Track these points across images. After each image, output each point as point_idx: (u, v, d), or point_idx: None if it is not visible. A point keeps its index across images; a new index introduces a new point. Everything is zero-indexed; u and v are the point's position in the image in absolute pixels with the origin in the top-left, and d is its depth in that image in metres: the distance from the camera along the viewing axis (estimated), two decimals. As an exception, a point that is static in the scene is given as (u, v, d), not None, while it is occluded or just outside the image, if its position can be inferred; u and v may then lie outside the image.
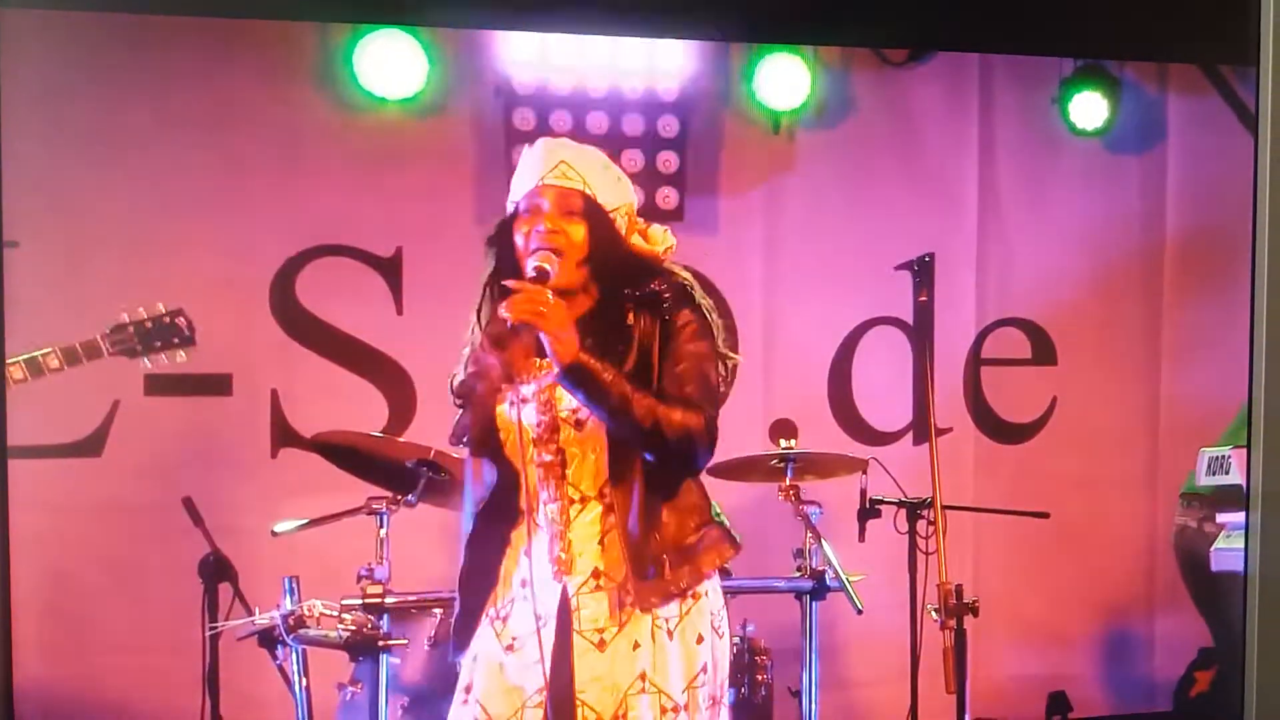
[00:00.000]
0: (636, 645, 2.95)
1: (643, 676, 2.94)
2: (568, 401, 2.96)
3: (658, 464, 2.96)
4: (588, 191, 2.95)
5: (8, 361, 3.88)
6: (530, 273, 2.88)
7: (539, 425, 2.96)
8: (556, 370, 2.85)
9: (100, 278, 4.52)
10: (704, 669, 3.00)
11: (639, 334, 2.95)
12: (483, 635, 3.00)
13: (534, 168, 2.97)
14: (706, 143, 5.21)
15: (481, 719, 2.95)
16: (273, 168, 4.77)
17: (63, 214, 4.52)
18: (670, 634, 2.97)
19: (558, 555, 2.97)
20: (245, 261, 4.76)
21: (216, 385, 4.68)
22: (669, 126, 5.12)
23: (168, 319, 4.11)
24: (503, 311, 2.80)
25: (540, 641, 2.90)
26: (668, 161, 5.13)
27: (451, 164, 4.96)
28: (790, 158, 5.31)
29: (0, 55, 4.13)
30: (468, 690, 2.99)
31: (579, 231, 2.92)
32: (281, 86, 4.76)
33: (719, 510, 3.14)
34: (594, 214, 2.96)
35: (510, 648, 2.96)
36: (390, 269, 4.91)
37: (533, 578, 2.93)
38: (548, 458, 2.97)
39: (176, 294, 4.38)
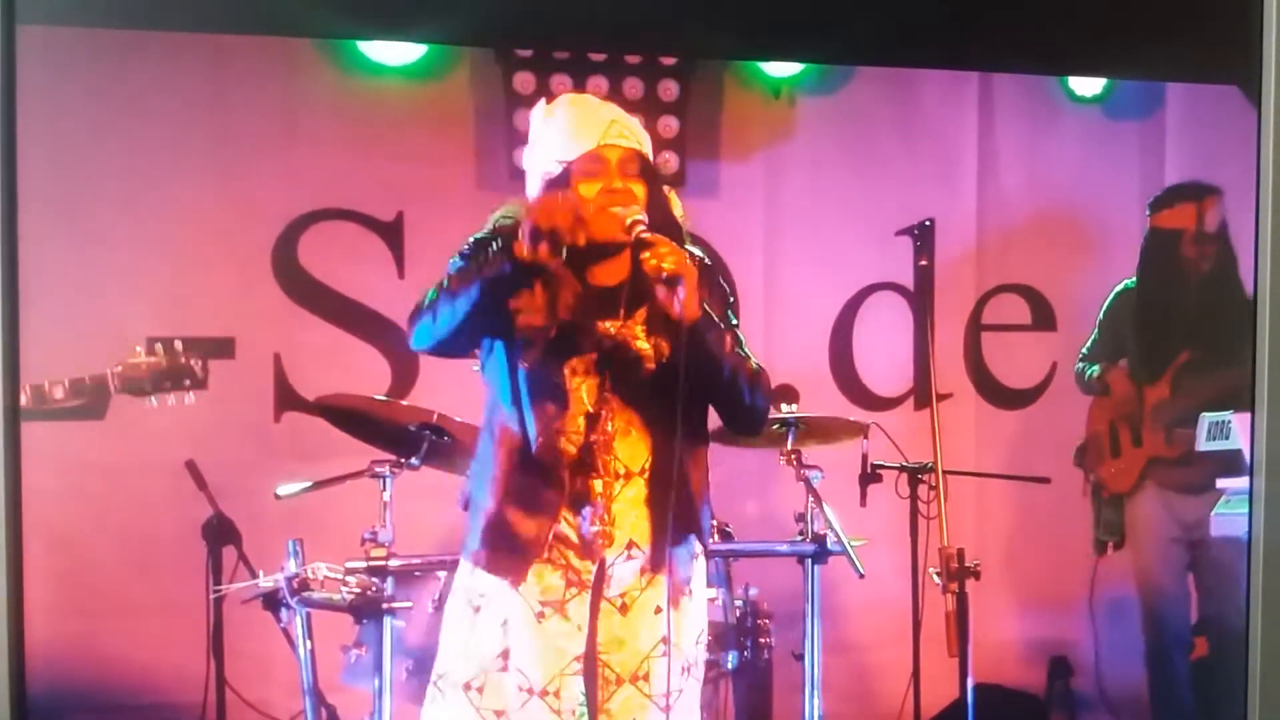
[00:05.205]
0: (658, 609, 2.99)
1: (665, 640, 2.98)
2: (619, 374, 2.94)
3: (743, 422, 3.07)
4: (643, 151, 2.95)
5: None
6: (635, 232, 2.82)
7: (592, 399, 2.93)
8: (686, 323, 2.79)
9: (103, 240, 4.53)
10: (705, 625, 3.13)
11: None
12: (512, 599, 2.96)
13: (586, 129, 2.90)
14: (707, 107, 5.20)
15: (524, 684, 2.96)
16: (275, 132, 4.76)
17: (62, 177, 4.50)
18: (690, 593, 3.05)
19: (602, 530, 2.96)
20: (247, 225, 4.76)
21: (219, 349, 4.67)
22: (669, 90, 5.11)
23: (182, 359, 4.02)
24: (653, 261, 2.76)
25: (571, 609, 2.96)
26: (668, 126, 5.11)
27: (452, 128, 4.96)
28: (790, 123, 5.30)
29: None
30: (504, 656, 2.96)
31: (640, 191, 2.90)
32: (283, 51, 4.75)
33: None
34: (649, 173, 2.96)
35: (541, 615, 2.95)
36: (392, 233, 4.91)
37: (567, 547, 2.96)
38: (592, 435, 2.95)
39: (179, 257, 4.39)
